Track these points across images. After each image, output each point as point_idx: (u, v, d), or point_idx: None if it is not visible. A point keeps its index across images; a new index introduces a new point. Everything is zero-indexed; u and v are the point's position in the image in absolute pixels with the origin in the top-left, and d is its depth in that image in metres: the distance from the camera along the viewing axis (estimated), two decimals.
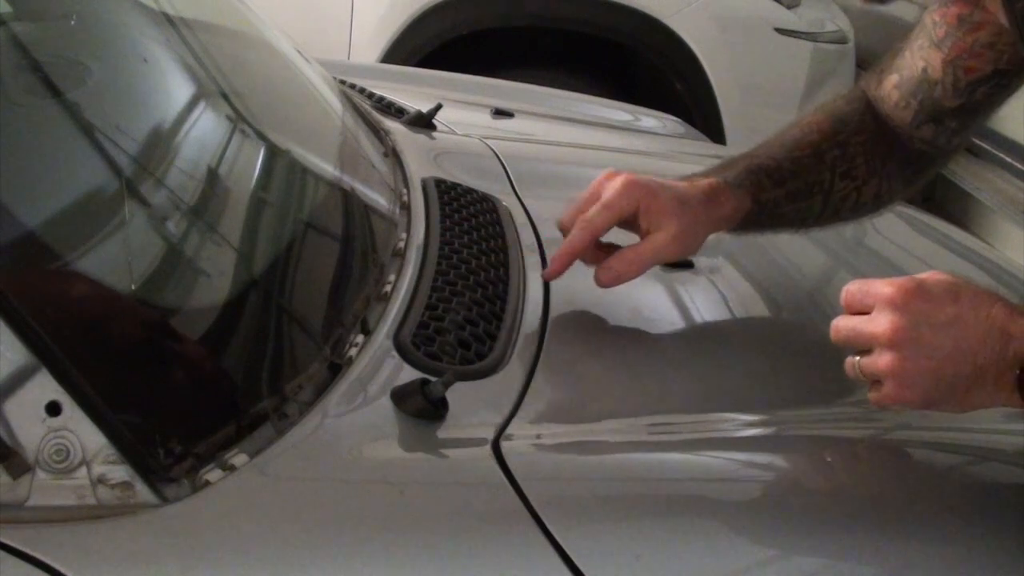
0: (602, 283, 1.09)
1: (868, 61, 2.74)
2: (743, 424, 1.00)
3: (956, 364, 0.86)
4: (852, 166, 1.20)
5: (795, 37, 3.39)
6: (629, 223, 1.10)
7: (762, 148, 1.21)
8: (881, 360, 0.88)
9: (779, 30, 3.38)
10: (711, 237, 1.14)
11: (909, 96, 1.18)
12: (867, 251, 1.52)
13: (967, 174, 3.46)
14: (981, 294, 0.88)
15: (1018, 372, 0.85)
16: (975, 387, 0.86)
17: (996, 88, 1.14)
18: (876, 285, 0.89)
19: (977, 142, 3.43)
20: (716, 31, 3.27)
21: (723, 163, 1.20)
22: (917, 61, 1.17)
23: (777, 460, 0.96)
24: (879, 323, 0.87)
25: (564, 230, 1.11)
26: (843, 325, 0.91)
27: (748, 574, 0.79)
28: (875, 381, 0.90)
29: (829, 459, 0.96)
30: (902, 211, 1.63)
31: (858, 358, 0.90)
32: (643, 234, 1.09)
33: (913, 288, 0.87)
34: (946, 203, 3.56)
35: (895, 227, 1.59)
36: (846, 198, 1.21)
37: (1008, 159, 3.40)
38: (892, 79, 1.20)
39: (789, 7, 3.45)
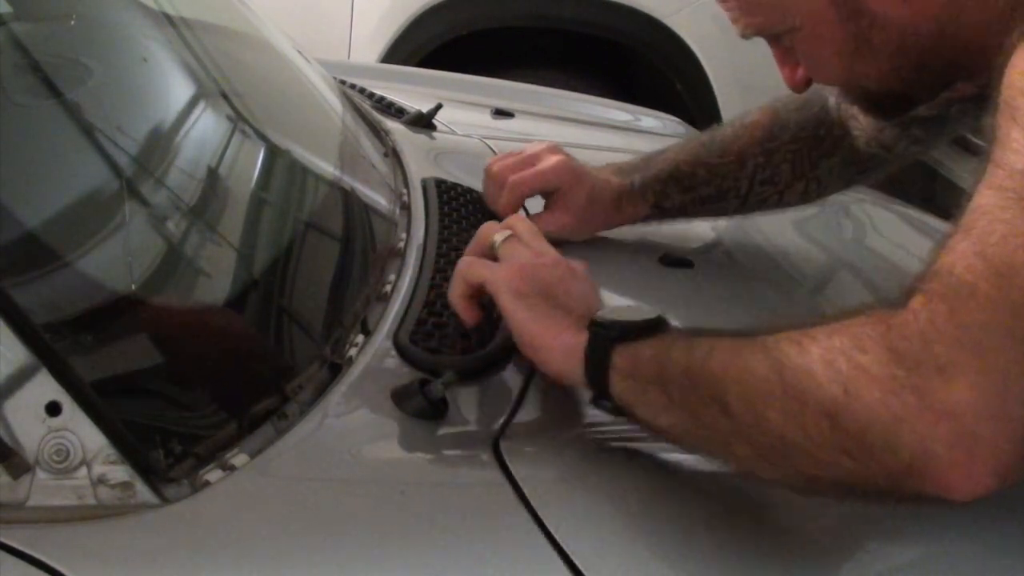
0: None
1: None
2: None
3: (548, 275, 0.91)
4: (775, 173, 1.21)
5: None
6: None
7: (691, 145, 1.24)
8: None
9: None
10: (710, 235, 1.15)
11: None
12: (867, 251, 1.51)
13: (968, 173, 3.45)
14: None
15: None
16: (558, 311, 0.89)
17: (975, 109, 1.07)
18: None
19: (977, 141, 3.42)
20: (716, 31, 3.25)
21: (647, 157, 1.24)
22: None
23: None
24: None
25: (489, 173, 1.20)
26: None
27: (750, 573, 0.79)
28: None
29: None
30: (903, 211, 1.63)
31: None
32: (548, 205, 1.19)
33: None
34: (946, 203, 3.55)
35: (895, 227, 1.58)
36: (765, 200, 1.23)
37: None
38: None
39: None
